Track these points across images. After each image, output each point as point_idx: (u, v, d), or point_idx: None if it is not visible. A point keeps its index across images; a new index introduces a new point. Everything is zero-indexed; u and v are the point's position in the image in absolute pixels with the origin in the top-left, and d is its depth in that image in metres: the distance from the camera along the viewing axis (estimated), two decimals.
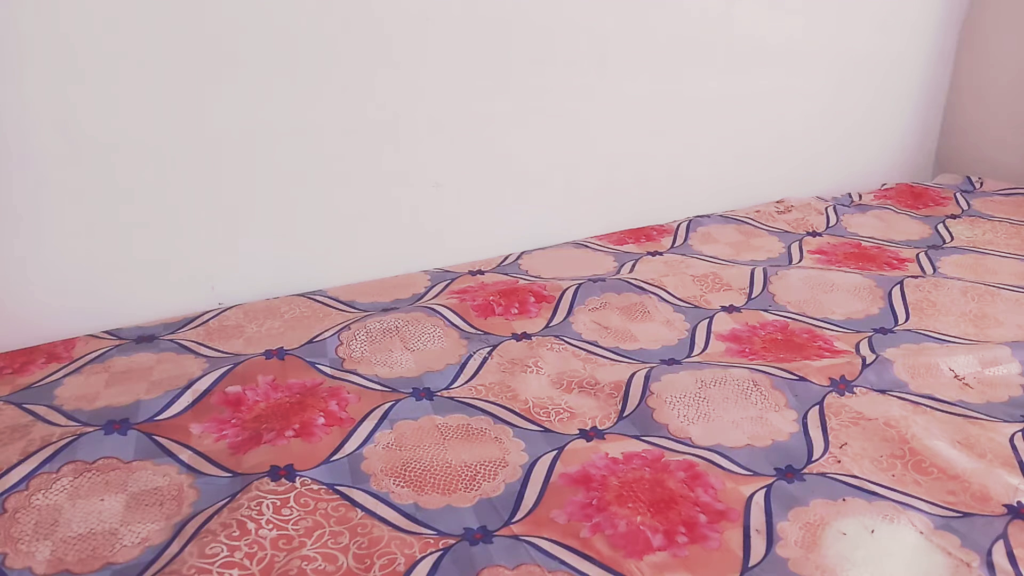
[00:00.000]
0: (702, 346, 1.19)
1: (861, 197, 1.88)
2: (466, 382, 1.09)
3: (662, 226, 1.69)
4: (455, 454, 0.93)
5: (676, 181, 1.74)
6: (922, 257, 1.52)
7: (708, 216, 1.73)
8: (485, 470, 0.90)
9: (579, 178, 1.61)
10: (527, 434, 0.97)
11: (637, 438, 0.96)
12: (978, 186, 1.95)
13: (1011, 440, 0.94)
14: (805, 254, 1.55)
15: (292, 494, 0.84)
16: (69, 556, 0.78)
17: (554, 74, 1.49)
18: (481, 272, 1.45)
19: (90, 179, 1.17)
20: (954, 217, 1.75)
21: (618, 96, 1.58)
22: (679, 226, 1.68)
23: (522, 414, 1.01)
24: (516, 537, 0.80)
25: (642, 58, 1.58)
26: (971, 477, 0.88)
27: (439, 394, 1.06)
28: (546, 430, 0.98)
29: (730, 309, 1.31)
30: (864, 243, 1.60)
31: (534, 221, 1.59)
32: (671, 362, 1.13)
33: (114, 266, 1.23)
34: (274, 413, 0.99)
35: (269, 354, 1.12)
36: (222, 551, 0.76)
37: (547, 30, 1.45)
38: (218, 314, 1.27)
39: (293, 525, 0.80)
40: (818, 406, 1.01)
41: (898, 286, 1.35)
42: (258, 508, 0.81)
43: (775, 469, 0.90)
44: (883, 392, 1.04)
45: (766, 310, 1.30)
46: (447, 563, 0.76)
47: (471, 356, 1.15)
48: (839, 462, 0.91)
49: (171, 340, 1.19)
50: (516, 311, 1.28)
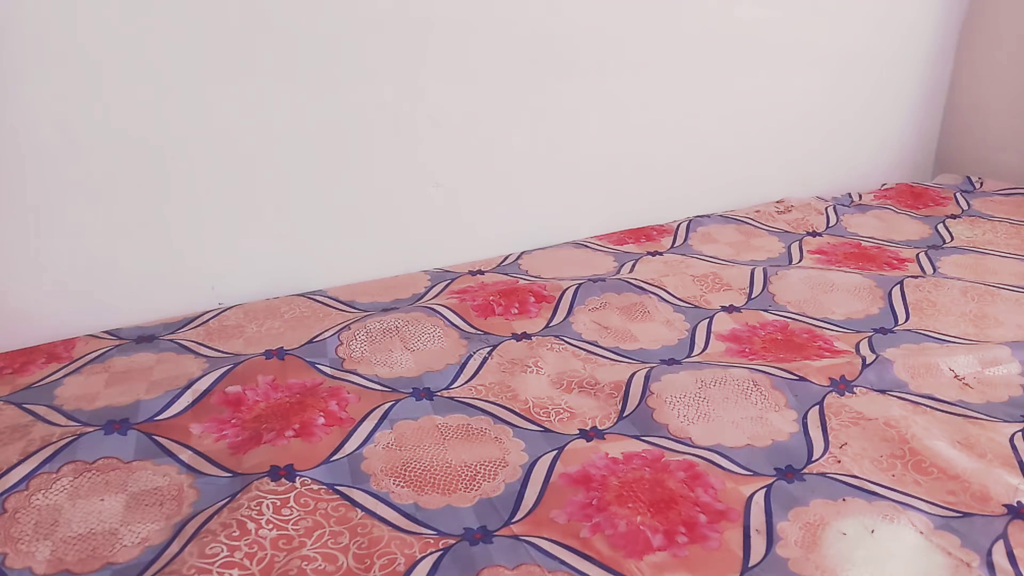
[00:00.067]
0: (702, 346, 1.19)
1: (861, 197, 1.88)
2: (466, 382, 1.09)
3: (662, 226, 1.69)
4: (455, 454, 0.93)
5: (676, 181, 1.74)
6: (922, 257, 1.52)
7: (708, 216, 1.73)
8: (485, 470, 0.90)
9: (579, 178, 1.61)
10: (527, 434, 0.97)
11: (637, 438, 0.96)
12: (978, 186, 1.94)
13: (1011, 440, 0.94)
14: (805, 254, 1.55)
15: (292, 494, 0.84)
16: (69, 556, 0.78)
17: (554, 74, 1.49)
18: (481, 272, 1.45)
19: (90, 179, 1.17)
20: (954, 217, 1.75)
21: (618, 96, 1.58)
22: (679, 226, 1.68)
23: (522, 414, 1.01)
24: (516, 537, 0.80)
25: (642, 58, 1.58)
26: (971, 477, 0.88)
27: (439, 394, 1.06)
28: (546, 430, 0.98)
29: (730, 309, 1.31)
30: (864, 243, 1.60)
31: (534, 221, 1.59)
32: (671, 362, 1.13)
33: (114, 266, 1.23)
34: (274, 413, 0.99)
35: (269, 354, 1.12)
36: (222, 551, 0.76)
37: (547, 30, 1.45)
38: (218, 314, 1.27)
39: (293, 525, 0.80)
40: (818, 406, 1.01)
41: (898, 286, 1.35)
42: (258, 508, 0.81)
43: (775, 469, 0.90)
44: (883, 392, 1.04)
45: (766, 310, 1.30)
46: (447, 563, 0.76)
47: (471, 356, 1.15)
48: (839, 462, 0.91)
49: (171, 340, 1.19)
50: (516, 311, 1.28)
